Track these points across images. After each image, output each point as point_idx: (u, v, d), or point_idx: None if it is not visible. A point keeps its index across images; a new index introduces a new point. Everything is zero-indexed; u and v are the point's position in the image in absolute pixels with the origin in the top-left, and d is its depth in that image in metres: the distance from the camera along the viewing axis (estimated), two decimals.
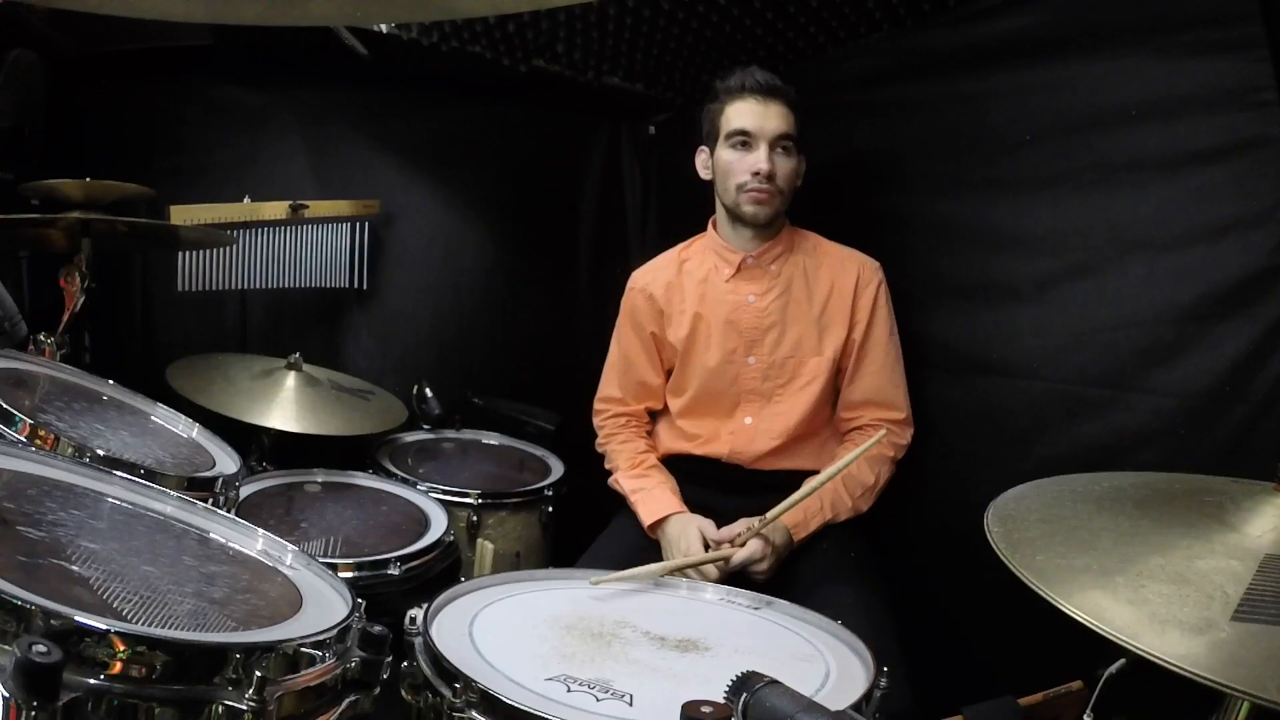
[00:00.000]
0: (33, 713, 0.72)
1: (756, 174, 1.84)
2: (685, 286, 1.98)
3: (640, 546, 1.80)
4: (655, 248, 2.13)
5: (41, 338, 1.77)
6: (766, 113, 1.85)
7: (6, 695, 0.72)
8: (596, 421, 2.13)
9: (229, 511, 1.34)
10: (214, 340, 2.61)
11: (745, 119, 1.86)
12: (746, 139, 1.86)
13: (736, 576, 1.67)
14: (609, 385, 2.10)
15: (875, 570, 1.79)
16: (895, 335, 1.92)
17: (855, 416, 1.91)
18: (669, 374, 2.04)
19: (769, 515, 1.66)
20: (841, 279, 1.91)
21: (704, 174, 1.96)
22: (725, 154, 1.89)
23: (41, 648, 0.72)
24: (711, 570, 1.66)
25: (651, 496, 1.88)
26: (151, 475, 1.33)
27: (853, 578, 1.71)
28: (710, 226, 2.01)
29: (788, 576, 1.73)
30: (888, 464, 1.88)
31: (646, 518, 1.85)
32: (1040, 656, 1.39)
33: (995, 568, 0.93)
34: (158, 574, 1.03)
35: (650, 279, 2.02)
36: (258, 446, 2.24)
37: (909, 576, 1.93)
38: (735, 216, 1.92)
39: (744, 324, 1.91)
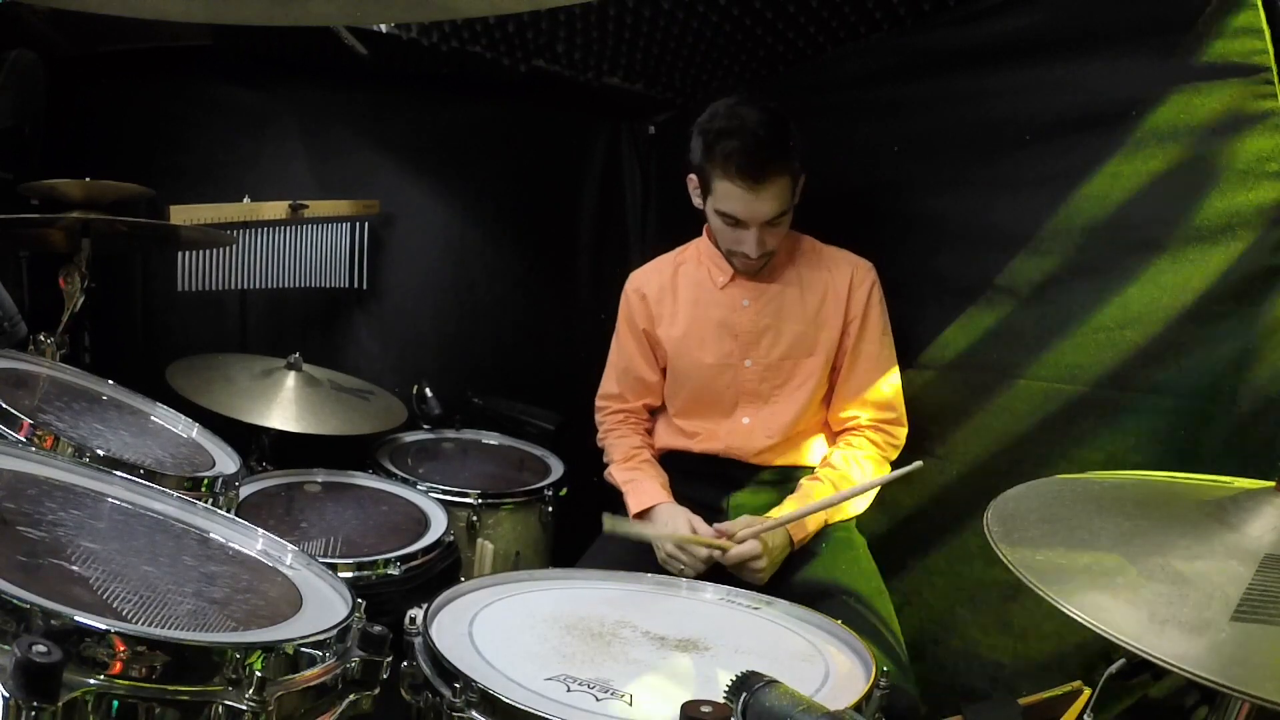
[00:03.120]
0: (33, 713, 0.72)
1: (745, 254, 1.80)
2: (679, 289, 1.99)
3: (638, 546, 1.81)
4: (655, 248, 2.13)
5: (41, 338, 1.77)
6: (757, 201, 1.72)
7: (6, 695, 0.72)
8: (597, 418, 2.15)
9: (228, 511, 1.34)
10: (214, 340, 2.60)
11: (733, 205, 1.75)
12: (735, 221, 1.78)
13: (736, 577, 1.67)
14: (609, 383, 2.12)
15: (874, 570, 1.79)
16: (889, 335, 1.92)
17: (849, 416, 1.92)
18: (665, 372, 2.04)
19: (770, 520, 1.66)
20: (835, 280, 1.91)
21: (696, 202, 1.89)
22: (714, 218, 1.83)
23: (41, 648, 0.72)
24: (701, 551, 1.67)
25: (640, 488, 1.89)
26: (151, 475, 1.33)
27: (851, 578, 1.72)
28: (705, 233, 2.00)
29: (786, 576, 1.73)
30: (882, 463, 1.88)
31: (634, 507, 1.86)
32: (1040, 656, 1.40)
33: (995, 567, 0.93)
34: (158, 574, 1.03)
35: (644, 280, 2.04)
36: (258, 446, 2.24)
37: (909, 576, 1.93)
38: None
39: (739, 327, 1.92)
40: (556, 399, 2.75)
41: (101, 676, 0.80)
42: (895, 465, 1.90)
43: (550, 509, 2.30)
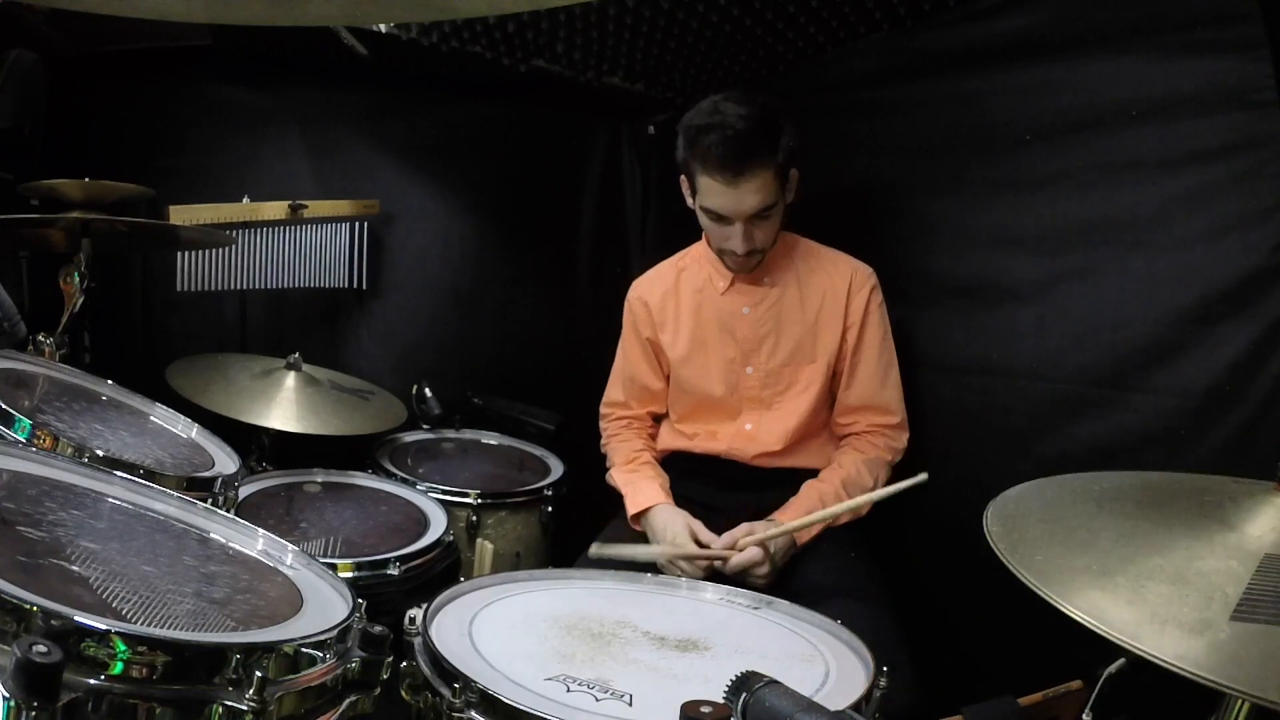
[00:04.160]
0: (33, 713, 0.72)
1: (734, 251, 1.80)
2: (681, 296, 1.99)
3: None
4: (655, 248, 2.14)
5: (41, 338, 1.77)
6: (738, 195, 1.71)
7: (6, 695, 0.72)
8: (601, 424, 2.15)
9: (228, 512, 1.34)
10: (214, 340, 2.61)
11: (715, 200, 1.75)
12: (719, 217, 1.78)
13: (736, 578, 1.67)
14: (614, 389, 2.12)
15: (874, 570, 1.79)
16: (889, 340, 1.92)
17: (850, 421, 1.91)
18: (669, 379, 2.04)
19: (774, 530, 1.65)
20: (834, 285, 1.90)
21: (689, 202, 1.88)
22: (701, 216, 1.83)
23: (41, 648, 0.72)
24: (701, 560, 1.66)
25: (639, 489, 1.89)
26: (151, 475, 1.33)
27: (852, 578, 1.71)
28: (705, 238, 2.00)
29: (787, 577, 1.73)
30: (885, 467, 1.88)
31: (631, 508, 1.86)
32: (1040, 656, 1.39)
33: (995, 567, 0.93)
34: (158, 574, 1.03)
35: (647, 288, 2.04)
36: (258, 446, 2.24)
37: (909, 576, 1.93)
38: None
39: (740, 334, 1.92)
40: (556, 399, 2.75)
41: (101, 676, 0.80)
42: (898, 469, 1.90)
43: (550, 509, 2.29)
